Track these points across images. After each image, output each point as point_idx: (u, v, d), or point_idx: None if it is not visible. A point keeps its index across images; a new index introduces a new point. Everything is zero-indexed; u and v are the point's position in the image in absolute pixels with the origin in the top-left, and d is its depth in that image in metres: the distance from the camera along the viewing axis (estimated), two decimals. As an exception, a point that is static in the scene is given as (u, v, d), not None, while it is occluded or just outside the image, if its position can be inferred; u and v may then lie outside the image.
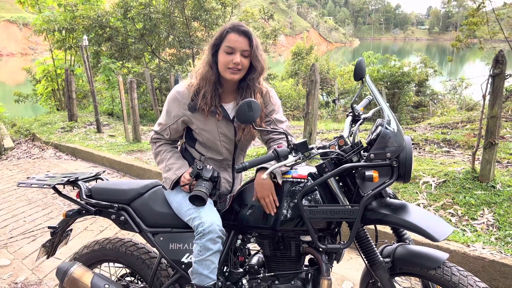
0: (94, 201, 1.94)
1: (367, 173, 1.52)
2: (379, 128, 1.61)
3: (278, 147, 1.64)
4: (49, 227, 2.08)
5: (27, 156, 7.01)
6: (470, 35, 10.95)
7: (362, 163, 1.59)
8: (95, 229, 3.79)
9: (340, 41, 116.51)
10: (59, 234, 2.07)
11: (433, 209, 3.34)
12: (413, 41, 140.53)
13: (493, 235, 2.93)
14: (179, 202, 1.81)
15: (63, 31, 10.32)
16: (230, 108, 1.88)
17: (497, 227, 3.02)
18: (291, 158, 1.61)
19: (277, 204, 1.71)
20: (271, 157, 1.63)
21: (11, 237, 3.67)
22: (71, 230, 2.18)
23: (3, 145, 7.45)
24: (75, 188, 2.02)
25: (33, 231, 3.80)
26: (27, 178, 2.07)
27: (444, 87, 17.25)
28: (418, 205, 3.41)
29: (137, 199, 1.93)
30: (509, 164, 4.01)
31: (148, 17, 10.07)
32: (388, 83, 13.97)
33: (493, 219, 3.09)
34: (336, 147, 1.71)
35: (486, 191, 3.39)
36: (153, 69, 12.05)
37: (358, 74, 1.85)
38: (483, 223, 3.09)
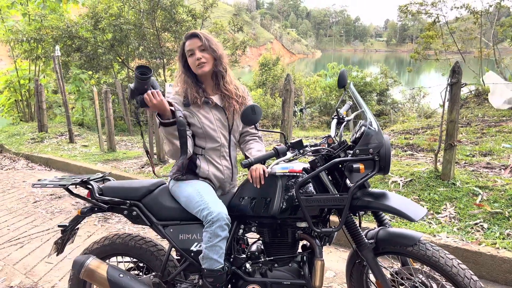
0: (107, 198, 2.11)
1: (355, 165, 1.80)
2: (363, 128, 1.89)
3: (277, 145, 1.89)
4: (59, 226, 2.22)
5: (-2, 168, 6.91)
6: (427, 48, 11.68)
7: (349, 157, 1.86)
8: (82, 235, 3.88)
9: (302, 53, 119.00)
10: (69, 232, 2.22)
11: (402, 205, 3.68)
12: (372, 53, 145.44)
13: (455, 226, 3.29)
14: (187, 196, 2.02)
15: (31, 41, 10.18)
16: (216, 99, 2.19)
17: (458, 219, 3.38)
18: (289, 155, 1.88)
19: (266, 174, 1.97)
20: (272, 154, 1.88)
21: (-2, 245, 3.71)
22: (78, 228, 2.32)
23: (-29, 157, 7.31)
24: (88, 187, 2.18)
25: (19, 238, 3.84)
26: (38, 180, 2.21)
27: (404, 96, 18.14)
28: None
29: (147, 196, 2.12)
30: (466, 164, 4.44)
31: (119, 28, 10.13)
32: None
33: (455, 212, 3.46)
34: (326, 145, 1.99)
35: (447, 188, 3.77)
36: (123, 79, 12.05)
37: (341, 83, 2.14)
38: (446, 216, 3.45)
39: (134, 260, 2.25)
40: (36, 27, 10.35)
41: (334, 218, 2.93)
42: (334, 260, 3.24)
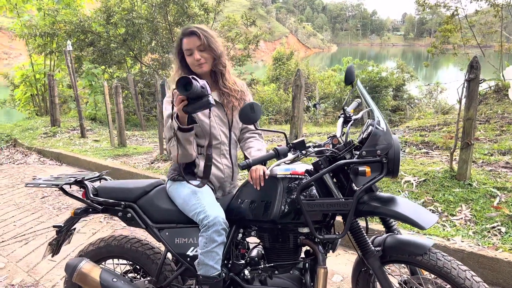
0: (101, 199, 2.03)
1: (361, 168, 1.67)
2: (370, 127, 1.77)
3: (278, 146, 1.78)
4: (54, 226, 2.15)
5: (10, 162, 6.95)
6: (445, 42, 11.35)
7: (355, 159, 1.73)
8: (87, 232, 3.84)
9: (318, 47, 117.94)
10: (64, 233, 2.15)
11: (415, 206, 3.53)
12: (389, 47, 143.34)
13: (471, 229, 3.13)
14: (184, 198, 1.92)
15: (45, 36, 10.23)
16: (214, 95, 2.08)
17: (474, 222, 3.22)
18: (290, 156, 1.76)
19: (267, 176, 1.85)
20: (272, 155, 1.77)
21: (3, 241, 3.69)
22: (74, 229, 2.25)
23: (-16, 151, 7.38)
24: (81, 189, 2.11)
25: (24, 234, 3.82)
26: (33, 178, 2.14)
27: (420, 92, 17.75)
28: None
29: (143, 197, 2.04)
30: (484, 164, 4.25)
31: (131, 22, 10.10)
32: (367, 88, 14.34)
33: (470, 215, 3.30)
34: (330, 146, 1.86)
35: (463, 188, 3.60)
36: (136, 74, 12.04)
37: (349, 79, 2.01)
38: (461, 218, 3.29)
39: (131, 262, 2.17)
40: (50, 22, 10.38)
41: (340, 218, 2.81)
42: (342, 263, 3.12)
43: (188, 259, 1.92)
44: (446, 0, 10.44)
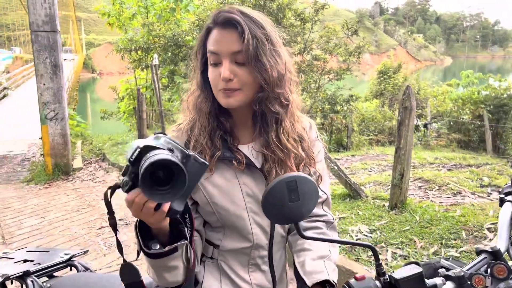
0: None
1: None
2: None
3: (356, 278, 0.75)
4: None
5: (90, 179, 6.76)
6: None
7: None
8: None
9: (430, 59, 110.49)
10: None
11: None
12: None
13: None
14: None
15: (139, 51, 10.31)
16: (249, 151, 1.06)
17: None
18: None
19: None
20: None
21: (34, 287, 3.14)
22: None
23: (72, 165, 7.35)
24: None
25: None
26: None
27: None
28: None
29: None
30: None
31: (223, 35, 9.67)
32: (491, 107, 12.12)
33: None
34: (488, 281, 0.78)
35: None
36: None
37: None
38: None
39: None
40: (147, 37, 10.43)
41: None
42: None
43: None
44: None
